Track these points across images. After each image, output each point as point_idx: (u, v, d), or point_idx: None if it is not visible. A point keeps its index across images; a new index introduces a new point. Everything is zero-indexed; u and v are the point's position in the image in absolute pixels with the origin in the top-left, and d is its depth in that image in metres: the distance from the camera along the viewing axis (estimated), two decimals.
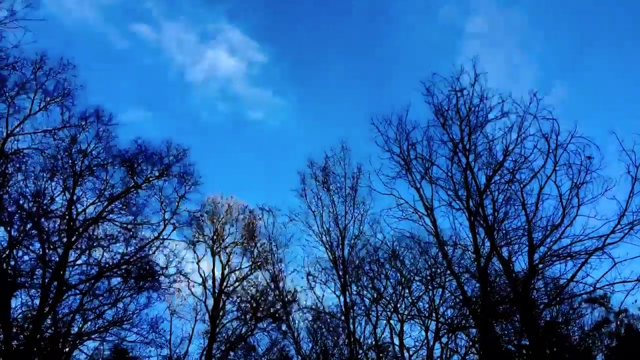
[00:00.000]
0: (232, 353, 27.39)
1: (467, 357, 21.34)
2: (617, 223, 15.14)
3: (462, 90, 17.96)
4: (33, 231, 21.23)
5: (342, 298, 22.92)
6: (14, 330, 20.37)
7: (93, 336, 22.98)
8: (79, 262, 22.64)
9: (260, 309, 26.91)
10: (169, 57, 74.24)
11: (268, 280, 26.09)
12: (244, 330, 27.26)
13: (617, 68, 60.45)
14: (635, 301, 19.37)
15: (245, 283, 27.69)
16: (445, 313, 21.56)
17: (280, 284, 25.68)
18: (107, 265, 22.77)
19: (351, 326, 22.56)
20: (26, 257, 21.60)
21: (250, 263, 27.66)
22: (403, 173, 18.72)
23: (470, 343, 20.27)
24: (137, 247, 23.72)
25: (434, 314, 21.35)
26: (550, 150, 16.53)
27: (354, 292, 23.12)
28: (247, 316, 27.20)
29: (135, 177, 23.52)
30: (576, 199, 15.98)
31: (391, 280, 22.44)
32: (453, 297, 20.40)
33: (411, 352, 22.05)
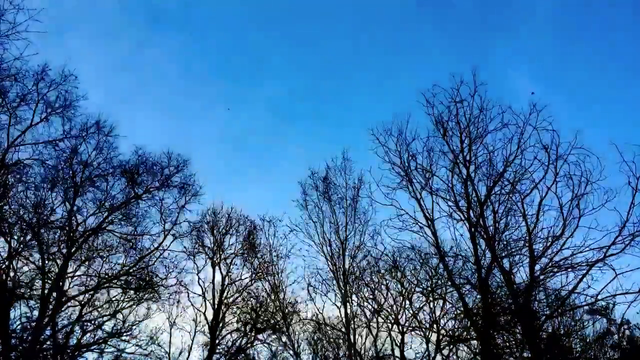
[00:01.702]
0: None
1: None
2: (618, 234, 15.17)
3: (462, 101, 18.04)
4: (33, 242, 21.24)
5: (342, 309, 22.86)
6: (13, 341, 20.29)
7: (92, 347, 22.89)
8: (78, 273, 22.68)
9: (261, 320, 26.75)
10: None
11: (268, 291, 26.03)
12: (244, 341, 27.08)
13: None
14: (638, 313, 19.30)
15: (245, 294, 27.57)
16: (447, 324, 21.42)
17: (281, 295, 25.61)
18: (106, 276, 22.76)
19: (352, 337, 22.45)
20: (26, 268, 21.70)
21: (251, 274, 27.57)
22: (404, 184, 18.75)
23: (472, 355, 20.10)
24: (136, 258, 23.70)
25: (435, 326, 21.20)
26: (551, 162, 16.59)
27: (355, 304, 23.04)
28: (247, 327, 27.03)
29: (135, 188, 23.54)
30: (577, 210, 16.02)
31: (392, 291, 22.35)
32: (454, 309, 20.28)
33: None
